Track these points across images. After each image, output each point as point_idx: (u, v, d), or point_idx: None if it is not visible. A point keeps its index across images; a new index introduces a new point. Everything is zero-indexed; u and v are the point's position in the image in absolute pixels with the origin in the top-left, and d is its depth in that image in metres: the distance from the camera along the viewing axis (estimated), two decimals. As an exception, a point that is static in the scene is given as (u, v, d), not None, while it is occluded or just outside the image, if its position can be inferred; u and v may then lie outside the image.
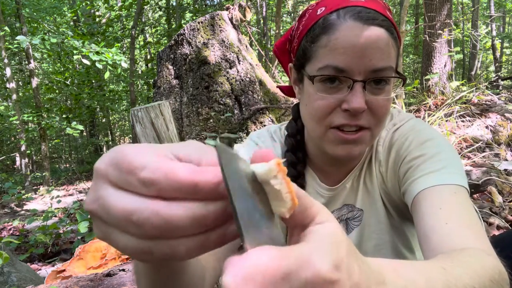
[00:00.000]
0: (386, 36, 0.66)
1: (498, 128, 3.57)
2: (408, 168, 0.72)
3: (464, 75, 13.72)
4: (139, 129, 2.71)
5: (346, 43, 0.65)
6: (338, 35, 0.66)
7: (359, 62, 0.65)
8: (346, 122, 0.69)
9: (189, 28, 3.86)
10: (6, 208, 6.68)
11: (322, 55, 0.68)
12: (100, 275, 1.73)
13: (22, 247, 3.26)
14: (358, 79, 0.66)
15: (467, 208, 0.62)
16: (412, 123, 0.79)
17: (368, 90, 0.68)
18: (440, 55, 6.18)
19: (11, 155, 13.36)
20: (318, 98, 0.69)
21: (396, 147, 0.77)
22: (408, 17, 13.93)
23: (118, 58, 5.85)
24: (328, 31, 0.67)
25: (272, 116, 3.60)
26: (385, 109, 0.70)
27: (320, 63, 0.68)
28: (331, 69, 0.67)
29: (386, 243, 0.81)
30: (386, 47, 0.66)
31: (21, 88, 13.43)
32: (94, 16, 11.26)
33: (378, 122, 0.71)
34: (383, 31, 0.66)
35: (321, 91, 0.69)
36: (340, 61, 0.66)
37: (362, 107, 0.66)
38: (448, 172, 0.67)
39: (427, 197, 0.64)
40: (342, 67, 0.66)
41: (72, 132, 7.59)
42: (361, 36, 0.64)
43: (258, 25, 14.25)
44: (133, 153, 0.28)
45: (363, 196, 0.82)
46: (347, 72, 0.66)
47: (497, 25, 14.99)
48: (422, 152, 0.71)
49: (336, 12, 0.67)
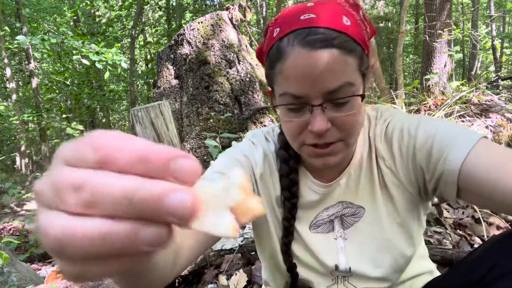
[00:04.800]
0: (338, 55, 0.65)
1: (498, 128, 3.57)
2: (428, 152, 0.71)
3: (464, 75, 13.72)
4: (139, 129, 2.71)
5: (296, 72, 0.66)
6: (288, 64, 0.67)
7: (312, 88, 0.66)
8: (316, 142, 0.71)
9: (189, 28, 3.86)
10: (6, 208, 6.68)
11: (280, 82, 0.70)
12: (100, 275, 1.73)
13: (22, 247, 3.26)
14: (316, 103, 0.67)
15: (506, 148, 0.66)
16: (400, 114, 0.81)
17: (330, 109, 0.68)
18: (440, 55, 6.17)
19: (11, 155, 13.37)
20: (285, 121, 0.72)
21: (396, 137, 0.78)
22: (408, 17, 13.94)
23: (118, 58, 5.86)
24: (280, 59, 0.68)
25: (272, 116, 3.60)
26: (350, 123, 0.70)
27: (280, 90, 0.70)
28: (289, 96, 0.69)
29: (386, 241, 0.81)
30: (339, 66, 0.66)
31: (21, 88, 13.43)
32: (94, 16, 11.27)
33: (348, 134, 0.71)
34: (334, 51, 0.65)
35: (286, 116, 0.72)
36: (295, 89, 0.67)
37: (324, 129, 0.68)
38: (464, 133, 0.68)
39: (476, 163, 0.64)
40: (298, 95, 0.67)
41: (72, 132, 7.60)
42: (309, 64, 0.65)
43: (258, 25, 14.26)
44: None
45: (364, 193, 0.82)
46: (304, 98, 0.67)
47: (497, 25, 14.99)
48: (430, 133, 0.72)
49: (286, 37, 0.68)
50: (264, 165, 0.84)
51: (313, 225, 0.85)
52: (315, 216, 0.84)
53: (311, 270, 0.85)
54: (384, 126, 0.80)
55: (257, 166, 0.83)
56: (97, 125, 17.33)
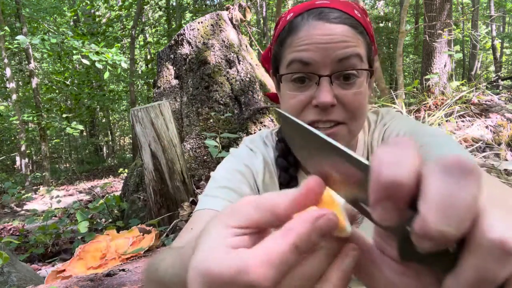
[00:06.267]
0: (350, 30, 0.68)
1: (498, 128, 3.57)
2: None
3: (464, 75, 13.72)
4: (139, 129, 2.71)
5: (308, 40, 0.67)
6: (301, 35, 0.68)
7: (323, 55, 0.67)
8: (318, 118, 0.70)
9: (189, 28, 3.85)
10: (6, 208, 6.68)
11: (288, 55, 0.70)
12: (100, 275, 1.73)
13: (22, 247, 3.25)
14: (324, 73, 0.67)
15: (492, 178, 0.63)
16: (400, 119, 0.81)
17: (337, 85, 0.69)
18: (440, 55, 6.17)
19: (11, 155, 13.36)
20: (289, 97, 0.71)
21: None
22: (408, 17, 13.94)
23: (118, 58, 5.86)
24: (293, 32, 0.70)
25: (272, 116, 3.60)
26: (357, 103, 0.70)
27: (287, 60, 0.71)
28: (296, 63, 0.69)
29: None
30: (351, 39, 0.67)
31: (21, 88, 13.42)
32: (94, 16, 11.26)
33: (352, 117, 0.71)
34: (347, 27, 0.67)
35: (291, 90, 0.71)
36: (305, 55, 0.68)
37: (330, 101, 0.67)
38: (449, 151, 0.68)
39: None
40: (306, 60, 0.68)
41: (72, 132, 7.60)
42: (323, 33, 0.67)
43: (258, 25, 14.26)
44: None
45: None
46: (312, 65, 0.68)
47: (497, 25, 14.99)
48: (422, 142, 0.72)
49: (300, 15, 0.70)
50: (265, 173, 0.83)
51: None
52: None
53: None
54: (382, 130, 0.81)
55: (258, 175, 0.83)
56: (97, 125, 17.33)
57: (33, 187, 9.47)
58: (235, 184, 0.79)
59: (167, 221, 2.74)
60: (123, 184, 3.97)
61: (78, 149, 18.21)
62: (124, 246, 2.24)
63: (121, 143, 21.45)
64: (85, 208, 3.62)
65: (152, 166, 2.71)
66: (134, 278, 1.69)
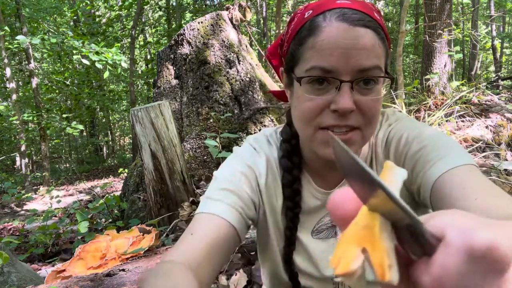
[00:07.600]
0: (373, 36, 0.67)
1: (498, 128, 3.56)
2: (414, 163, 0.72)
3: (464, 75, 13.72)
4: (139, 129, 2.71)
5: (331, 44, 0.65)
6: (323, 37, 0.66)
7: (346, 63, 0.65)
8: (335, 123, 0.69)
9: (189, 28, 3.85)
10: (6, 208, 6.68)
11: (309, 57, 0.69)
12: (100, 275, 1.73)
13: (22, 247, 3.25)
14: (345, 79, 0.66)
15: (486, 180, 0.63)
16: (405, 121, 0.81)
17: (357, 90, 0.68)
18: (440, 55, 6.17)
19: (11, 155, 13.36)
20: (306, 99, 0.70)
21: (394, 144, 0.78)
22: (408, 17, 13.93)
23: (118, 58, 5.86)
24: (314, 33, 0.68)
25: (272, 116, 3.60)
26: (374, 109, 0.70)
27: (307, 65, 0.69)
28: (317, 70, 0.67)
29: None
30: (373, 47, 0.67)
31: (21, 88, 13.43)
32: (94, 16, 11.27)
33: (368, 123, 0.70)
34: (370, 32, 0.66)
35: (309, 93, 0.69)
36: (326, 62, 0.66)
37: (350, 107, 0.67)
38: (454, 155, 0.68)
39: (446, 183, 0.64)
40: (328, 68, 0.66)
41: (72, 132, 7.59)
42: (347, 37, 0.65)
43: (258, 25, 14.25)
44: None
45: None
46: (334, 72, 0.67)
47: (497, 25, 14.98)
48: (422, 144, 0.72)
49: (322, 14, 0.68)
50: (268, 174, 0.83)
51: (315, 231, 0.84)
52: (317, 221, 0.84)
53: (312, 278, 0.85)
54: (387, 132, 0.80)
55: (261, 176, 0.82)
56: (97, 125, 17.32)
57: (33, 187, 9.46)
58: (237, 186, 0.79)
59: (167, 221, 2.73)
60: (123, 184, 3.97)
61: (78, 149, 18.22)
62: (124, 246, 2.24)
63: (121, 143, 21.45)
64: (85, 208, 3.62)
65: (152, 166, 2.71)
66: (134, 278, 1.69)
